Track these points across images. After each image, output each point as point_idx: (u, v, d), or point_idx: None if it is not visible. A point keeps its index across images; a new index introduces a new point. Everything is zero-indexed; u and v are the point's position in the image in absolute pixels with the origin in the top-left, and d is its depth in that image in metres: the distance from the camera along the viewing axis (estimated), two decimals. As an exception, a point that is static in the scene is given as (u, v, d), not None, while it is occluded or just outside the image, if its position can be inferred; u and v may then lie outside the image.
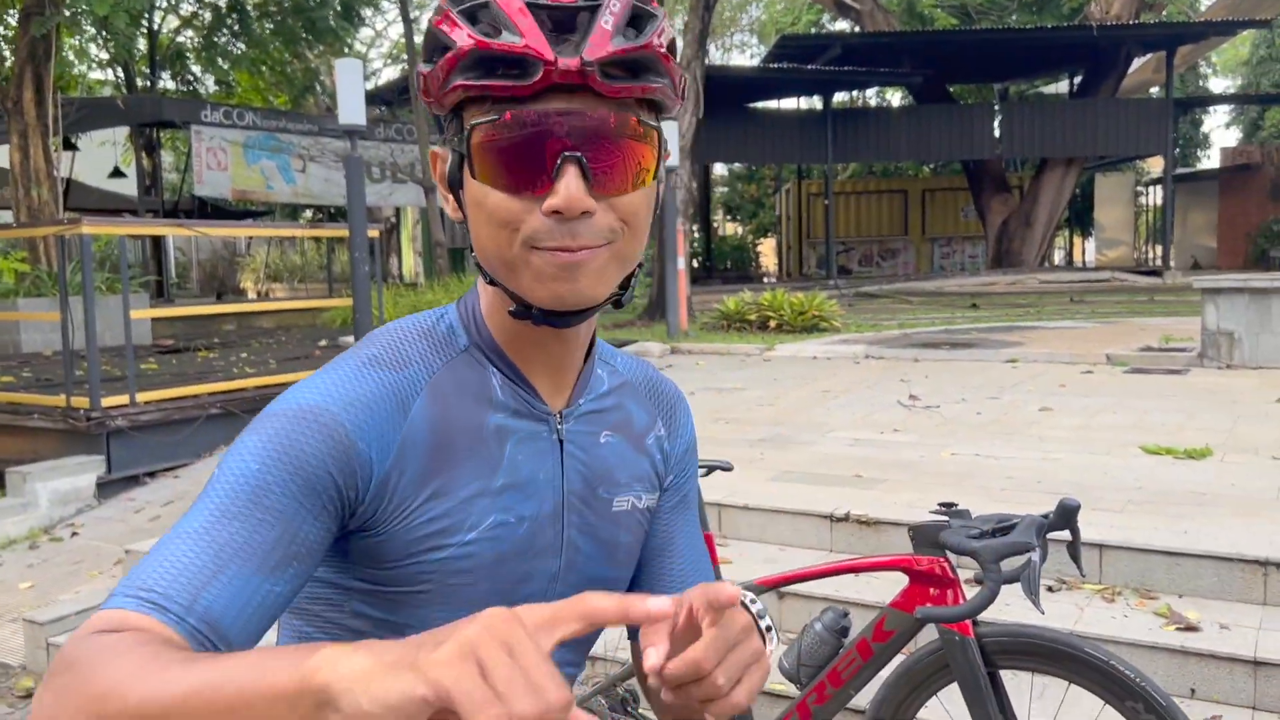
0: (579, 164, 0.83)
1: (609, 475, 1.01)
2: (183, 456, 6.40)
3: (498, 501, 0.92)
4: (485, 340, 0.96)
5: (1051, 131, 21.51)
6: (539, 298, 0.87)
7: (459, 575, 0.90)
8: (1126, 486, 4.22)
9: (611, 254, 0.87)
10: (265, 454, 0.82)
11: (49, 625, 4.19)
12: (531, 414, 0.96)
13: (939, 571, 2.25)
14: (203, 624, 0.75)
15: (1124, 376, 7.61)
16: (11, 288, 10.26)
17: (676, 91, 0.89)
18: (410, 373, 0.91)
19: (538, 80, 0.81)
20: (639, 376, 1.10)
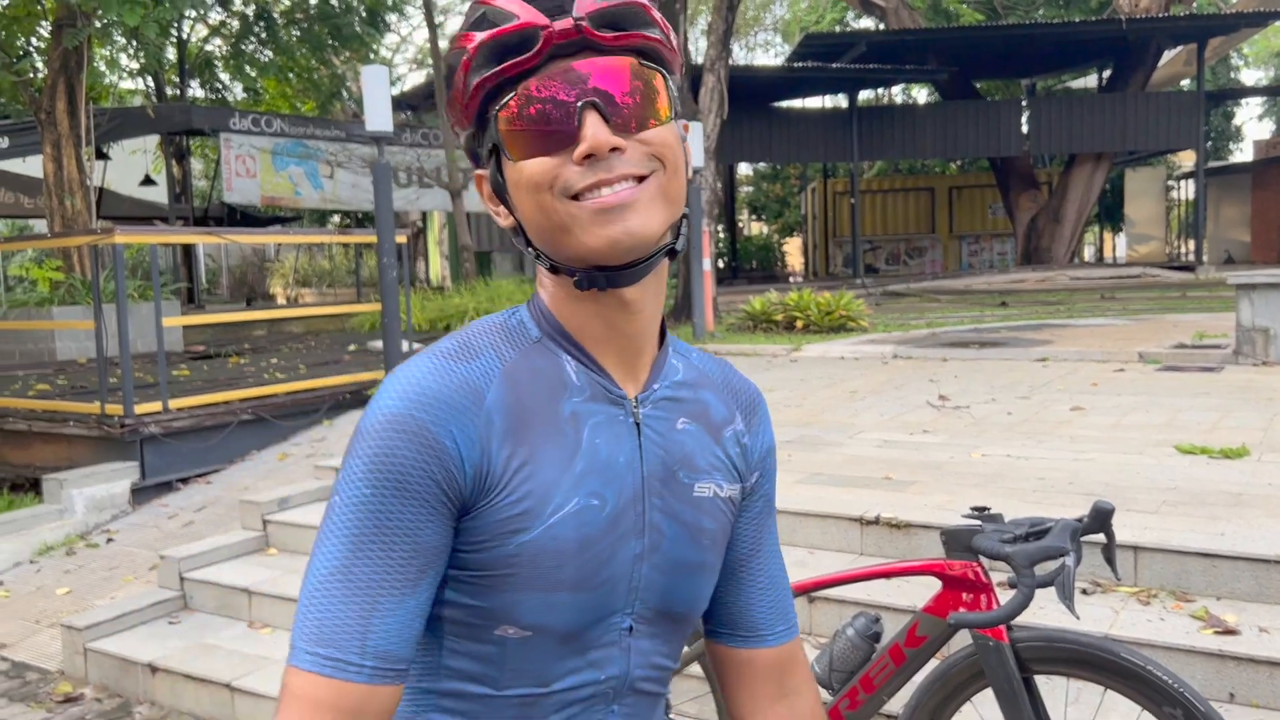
0: (596, 108, 0.87)
1: (688, 460, 1.02)
2: (215, 462, 6.47)
3: (580, 484, 0.94)
4: (555, 329, 0.98)
5: (1080, 126, 21.31)
6: (594, 248, 0.89)
7: (546, 557, 0.91)
8: (1161, 487, 4.17)
9: (656, 189, 0.90)
10: (372, 477, 0.87)
11: (86, 631, 4.25)
12: (607, 398, 0.98)
13: (972, 576, 2.23)
14: (376, 661, 0.86)
15: (1157, 374, 7.52)
16: (46, 296, 10.41)
17: (670, 40, 0.93)
18: (482, 363, 0.94)
19: (540, 47, 0.87)
20: (716, 372, 1.12)
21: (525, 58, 0.88)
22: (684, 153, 0.95)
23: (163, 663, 4.00)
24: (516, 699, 0.95)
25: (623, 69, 0.89)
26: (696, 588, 1.03)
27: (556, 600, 0.92)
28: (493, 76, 0.89)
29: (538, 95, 0.88)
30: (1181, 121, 21.13)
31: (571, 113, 0.87)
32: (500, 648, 0.93)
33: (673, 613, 1.02)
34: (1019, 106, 22.38)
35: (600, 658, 0.97)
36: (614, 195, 0.88)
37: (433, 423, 0.88)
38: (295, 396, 7.06)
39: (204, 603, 4.57)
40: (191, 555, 4.68)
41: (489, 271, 21.30)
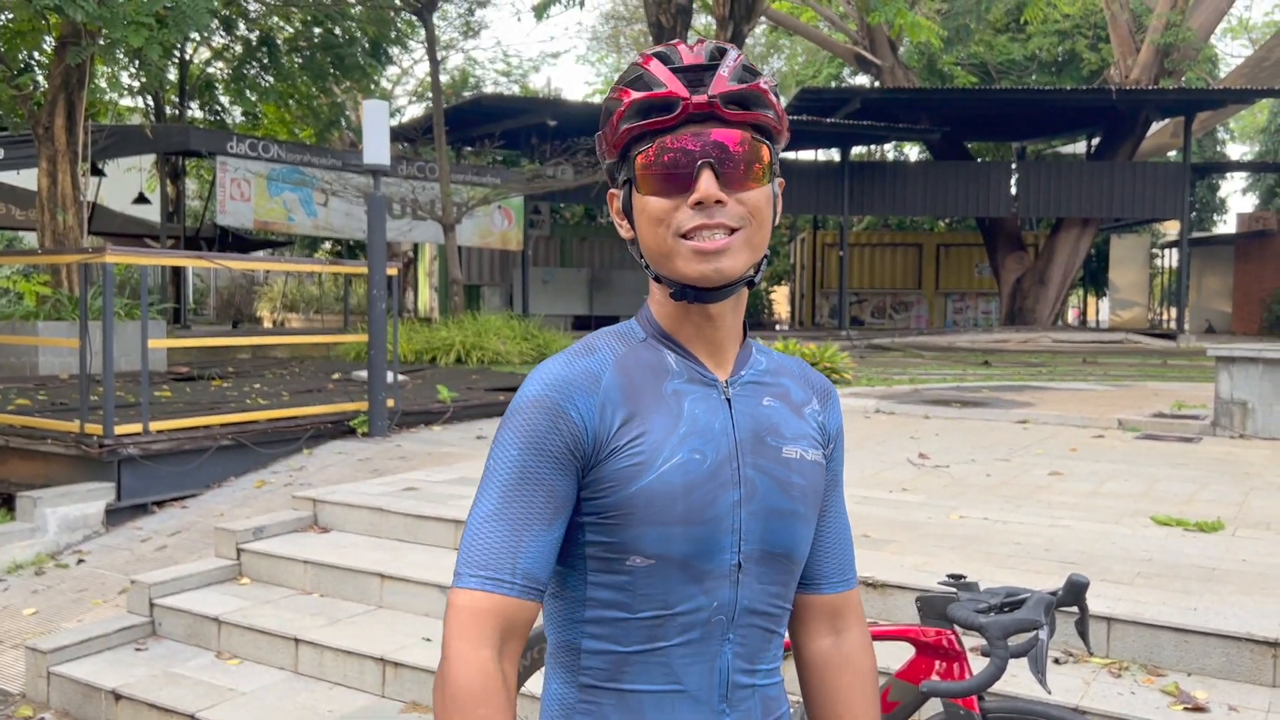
0: (712, 168, 1.15)
1: (775, 429, 1.26)
2: (192, 486, 6.42)
3: (685, 443, 1.18)
4: (658, 330, 1.26)
5: (1068, 191, 21.59)
6: (690, 277, 1.16)
7: (660, 498, 1.15)
8: (1136, 558, 4.19)
9: (743, 240, 1.17)
10: (519, 442, 1.16)
11: (51, 654, 4.19)
12: (702, 380, 1.23)
13: (946, 644, 2.24)
14: (525, 580, 1.12)
15: (1135, 442, 7.58)
16: (33, 310, 10.37)
17: (780, 123, 1.20)
18: (599, 356, 1.21)
19: (679, 113, 1.15)
20: (794, 366, 1.36)
21: (666, 119, 1.15)
22: (774, 209, 1.22)
23: (127, 690, 3.95)
24: (648, 620, 1.17)
25: (737, 140, 1.16)
26: (791, 531, 1.24)
27: (672, 533, 1.15)
28: (639, 127, 1.17)
29: (670, 148, 1.15)
30: (1167, 191, 21.44)
31: (693, 167, 1.15)
32: (631, 576, 1.16)
33: (774, 554, 1.22)
34: (1008, 169, 22.67)
35: (713, 587, 1.18)
36: (711, 243, 1.15)
37: (562, 400, 1.16)
38: (276, 424, 7.03)
39: (173, 630, 4.52)
40: (162, 581, 4.64)
41: (478, 305, 21.31)
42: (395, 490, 5.52)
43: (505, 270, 24.38)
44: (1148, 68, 21.50)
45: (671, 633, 1.18)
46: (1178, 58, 21.40)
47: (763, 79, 1.19)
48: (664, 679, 1.18)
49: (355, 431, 7.46)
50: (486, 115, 20.01)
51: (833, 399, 1.37)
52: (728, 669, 1.21)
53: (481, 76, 31.87)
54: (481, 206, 17.24)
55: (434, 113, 16.37)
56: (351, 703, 3.89)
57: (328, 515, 5.33)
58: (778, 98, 1.21)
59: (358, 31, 17.88)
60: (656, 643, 1.18)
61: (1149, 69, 21.49)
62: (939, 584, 2.33)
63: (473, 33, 27.66)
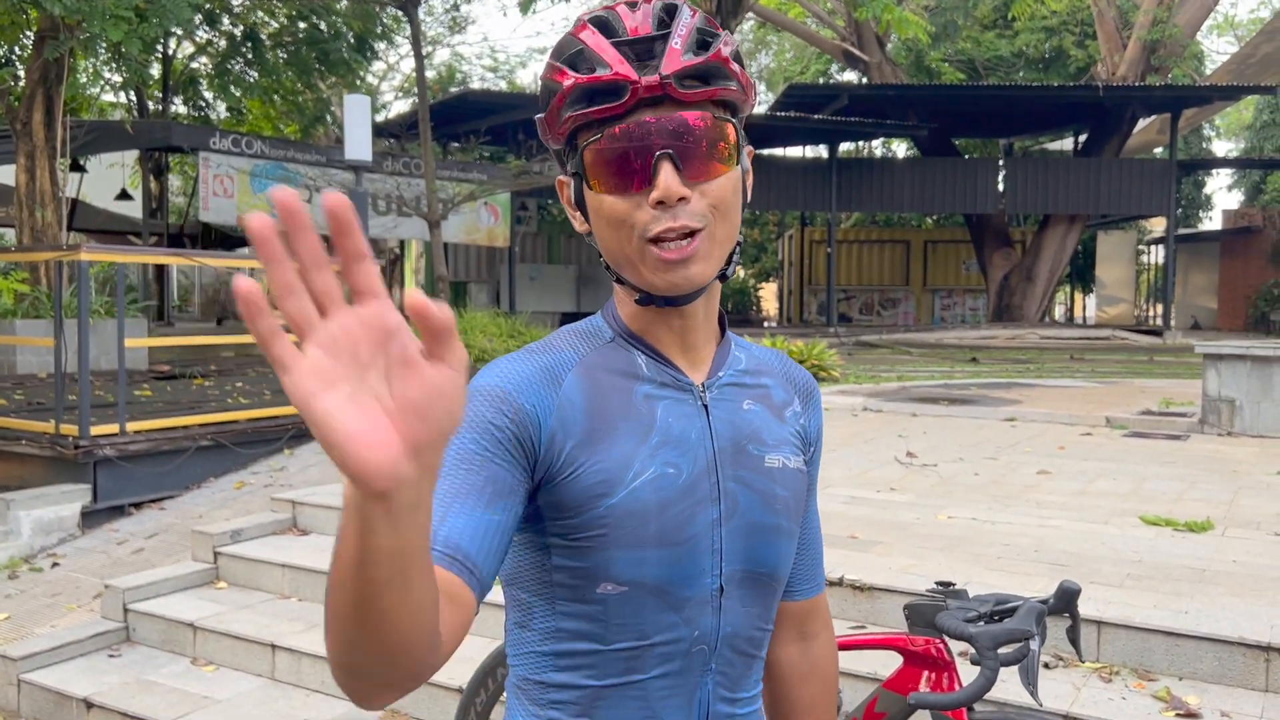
0: (670, 159, 1.01)
1: (756, 436, 1.15)
2: (170, 488, 6.32)
3: (656, 455, 1.07)
4: (626, 331, 1.14)
5: (1055, 188, 21.60)
6: (658, 287, 1.05)
7: (630, 518, 1.04)
8: (1125, 559, 4.14)
9: (710, 238, 1.04)
10: (464, 430, 1.02)
11: (21, 661, 4.11)
12: (676, 385, 1.12)
13: (934, 653, 2.19)
14: (447, 548, 0.94)
15: (1123, 440, 7.55)
16: (10, 308, 10.23)
17: (745, 91, 1.06)
18: (561, 355, 1.10)
19: (628, 99, 1.00)
20: (775, 362, 1.25)
21: (614, 105, 1.01)
22: (744, 187, 1.09)
23: (99, 699, 3.86)
24: (623, 652, 1.07)
25: (698, 123, 1.02)
26: (775, 549, 1.13)
27: (645, 556, 1.05)
28: (583, 115, 1.02)
29: (621, 140, 1.01)
30: (1154, 188, 21.47)
31: (649, 161, 1.01)
32: (603, 605, 1.05)
33: (758, 574, 1.12)
34: (996, 165, 22.68)
35: (693, 615, 1.08)
36: (677, 251, 1.02)
37: (513, 390, 1.04)
38: (257, 424, 6.93)
39: (147, 636, 4.44)
40: (137, 586, 4.55)
41: (464, 302, 21.22)
42: (376, 491, 5.43)
43: (492, 267, 24.27)
44: (1134, 64, 21.52)
45: (649, 665, 1.08)
46: (1164, 54, 21.42)
47: (721, 42, 1.04)
48: (639, 714, 1.08)
49: (337, 431, 7.36)
50: (473, 111, 19.89)
51: (814, 398, 1.27)
52: (708, 700, 1.11)
53: (468, 72, 31.73)
54: (468, 203, 17.13)
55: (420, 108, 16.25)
56: (329, 710, 3.81)
57: (307, 517, 5.24)
58: (739, 61, 1.07)
59: (343, 26, 17.72)
60: (632, 675, 1.08)
61: (1136, 66, 21.51)
62: (927, 591, 2.28)
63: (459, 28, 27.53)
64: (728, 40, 1.05)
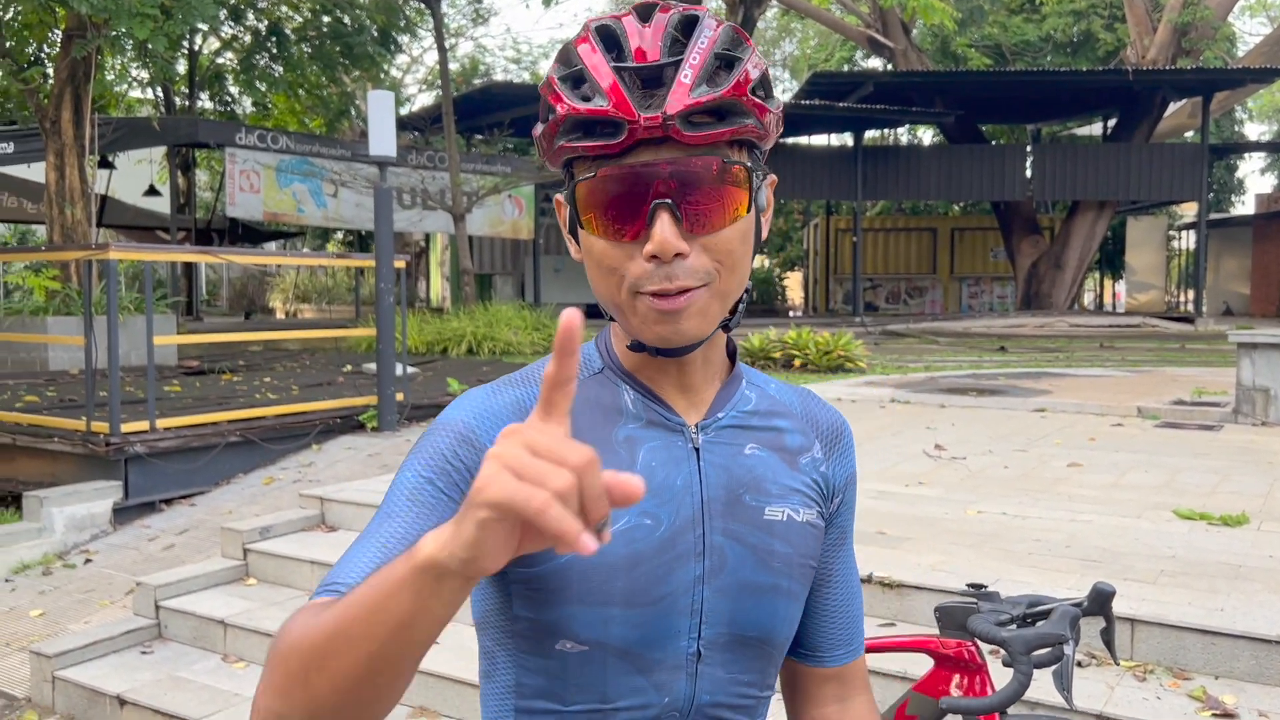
0: (670, 210, 0.90)
1: (756, 484, 1.04)
2: (199, 484, 6.37)
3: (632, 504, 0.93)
4: (616, 364, 1.04)
5: (1084, 174, 21.36)
6: (646, 338, 0.96)
7: (594, 573, 0.95)
8: (1159, 555, 4.09)
9: (711, 294, 0.94)
10: (418, 465, 0.95)
11: (56, 658, 4.15)
12: (665, 425, 1.02)
13: (966, 656, 2.16)
14: None
15: (1155, 431, 7.45)
16: (42, 305, 10.34)
17: (766, 127, 0.94)
18: (536, 389, 0.99)
19: (625, 138, 0.89)
20: (795, 403, 1.13)
21: (609, 144, 0.90)
22: (758, 230, 1.00)
23: (131, 695, 3.90)
24: (582, 714, 0.98)
25: (703, 171, 0.91)
26: (769, 612, 1.02)
27: (609, 615, 0.95)
28: (577, 149, 0.93)
29: (615, 184, 0.91)
30: (1185, 173, 21.18)
31: (643, 211, 0.90)
32: (562, 663, 0.97)
33: (746, 637, 1.02)
34: (1023, 152, 22.44)
35: (664, 680, 0.99)
36: (669, 303, 0.92)
37: (478, 427, 0.96)
38: (285, 420, 6.97)
39: (179, 632, 4.47)
40: (168, 583, 4.59)
41: (489, 295, 21.26)
42: (403, 487, 5.45)
43: (517, 259, 24.32)
44: (1165, 47, 21.20)
45: None
46: (1195, 37, 21.10)
47: (742, 70, 0.91)
48: None
49: (365, 426, 7.40)
50: (496, 103, 19.91)
51: (843, 443, 1.14)
52: None
53: (491, 64, 31.77)
54: (492, 195, 17.17)
55: (443, 101, 16.29)
56: (358, 707, 3.83)
57: (335, 514, 5.27)
58: (765, 88, 0.94)
59: (366, 20, 17.77)
60: None
61: (1166, 49, 21.19)
62: (959, 593, 2.25)
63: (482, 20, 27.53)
64: (754, 63, 0.93)
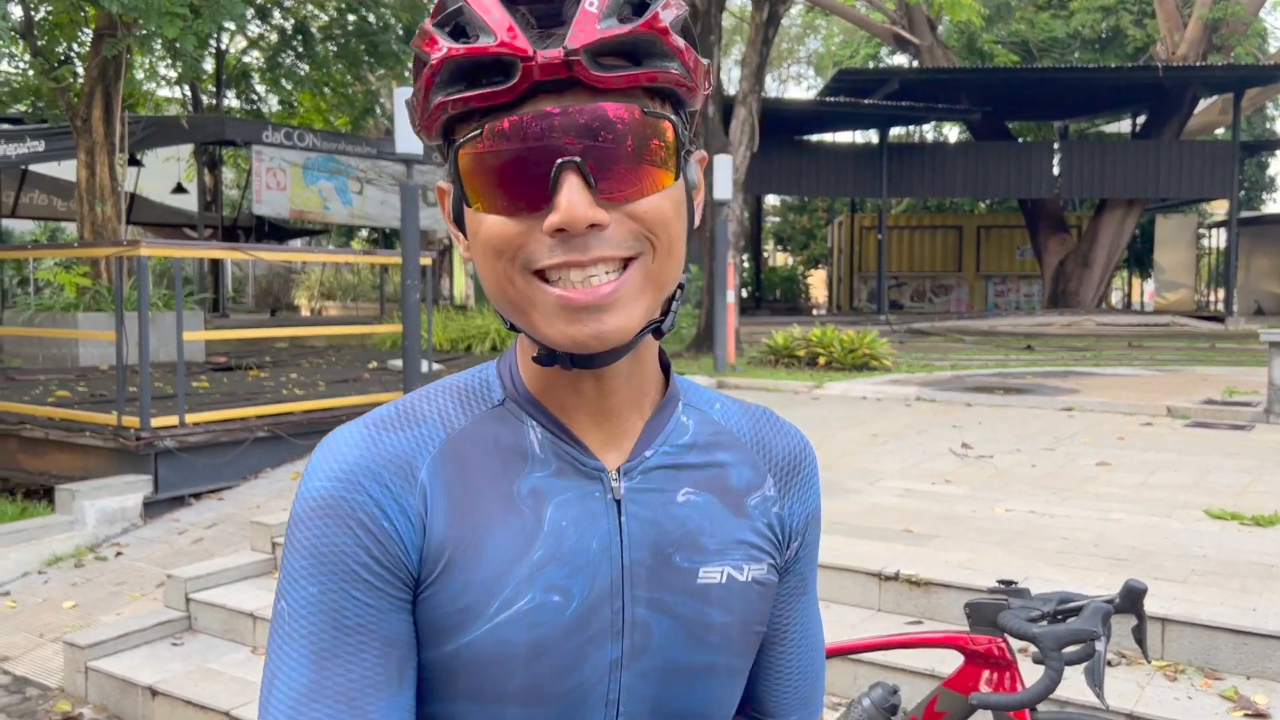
0: (578, 169, 0.72)
1: (690, 540, 0.85)
2: (228, 478, 6.43)
3: (537, 576, 0.79)
4: (520, 392, 0.85)
5: (1113, 171, 21.18)
6: (553, 340, 0.75)
7: (489, 664, 0.78)
8: (1190, 554, 4.05)
9: (640, 277, 0.75)
10: (316, 573, 0.77)
11: (89, 649, 4.20)
12: (579, 471, 0.83)
13: (996, 652, 2.16)
14: None
15: (1185, 430, 7.38)
16: (72, 301, 10.46)
17: (692, 76, 0.76)
18: (422, 432, 0.81)
19: (518, 80, 0.71)
20: (745, 426, 0.93)
21: (499, 89, 0.72)
22: (692, 209, 0.81)
23: (163, 686, 3.94)
24: None
25: (620, 119, 0.72)
26: (703, 694, 0.85)
27: (505, 714, 0.79)
28: (457, 101, 0.73)
29: (508, 142, 0.72)
30: (1215, 170, 20.96)
31: (545, 171, 0.72)
32: None
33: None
34: (1051, 149, 22.28)
35: None
36: (585, 292, 0.73)
37: (366, 503, 0.77)
38: (312, 415, 7.02)
39: (209, 625, 4.52)
40: (198, 576, 4.63)
41: (513, 292, 21.26)
42: (430, 482, 5.49)
43: (540, 256, 24.35)
44: (1195, 44, 20.99)
45: None
46: (1226, 33, 20.87)
47: (660, 3, 0.74)
48: None
49: (390, 422, 7.44)
50: (521, 101, 19.95)
51: (802, 474, 0.94)
52: None
53: (515, 62, 31.82)
54: (516, 193, 17.23)
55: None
56: (386, 700, 3.86)
57: (362, 508, 5.30)
58: (688, 34, 0.77)
59: (391, 18, 17.85)
60: None
61: (1197, 45, 20.98)
62: (989, 591, 2.24)
63: (506, 18, 27.59)
64: (672, 2, 0.76)
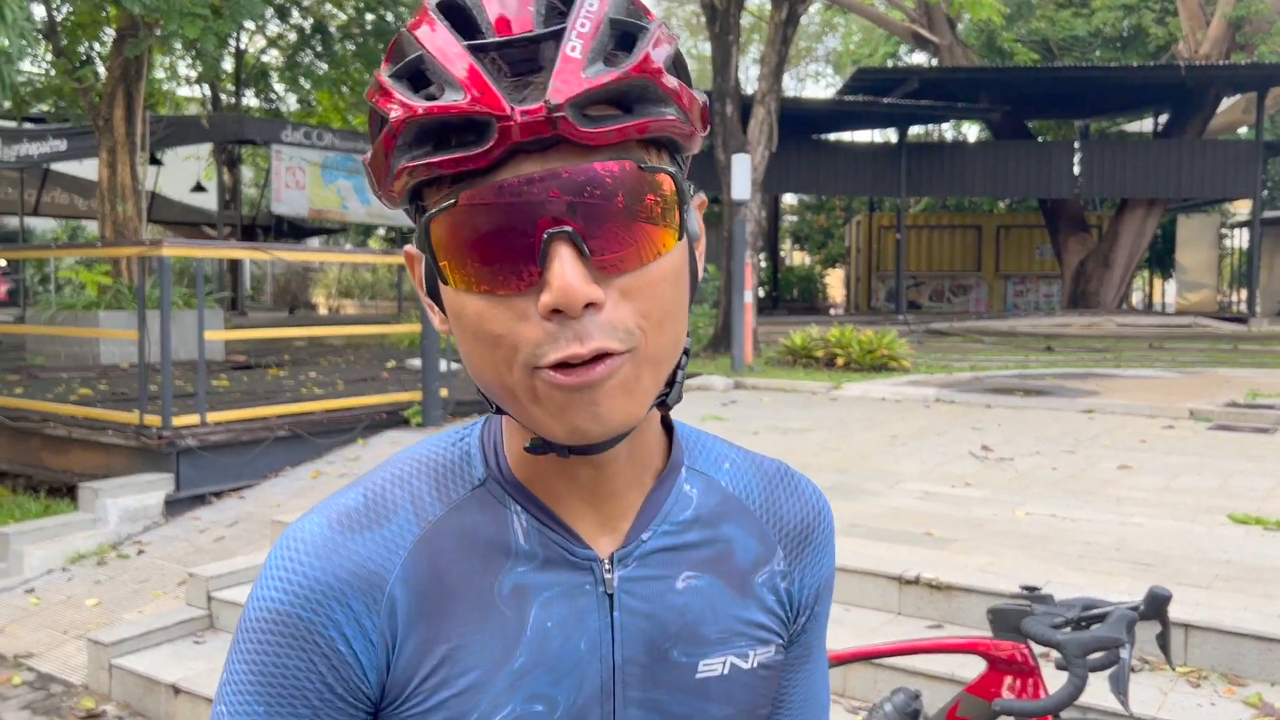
0: (570, 240, 0.63)
1: (690, 632, 0.77)
2: (249, 477, 6.47)
3: (519, 685, 0.72)
4: (504, 473, 0.76)
5: (1134, 171, 21.03)
6: (556, 434, 0.67)
7: None
8: (1213, 559, 4.02)
9: (636, 362, 0.66)
10: (260, 690, 0.71)
11: (112, 646, 4.23)
12: (566, 562, 0.74)
13: (1019, 659, 2.15)
14: None
15: (1207, 433, 7.33)
16: (94, 300, 10.54)
17: (690, 119, 0.67)
18: (392, 529, 0.73)
19: (494, 143, 0.62)
20: (755, 490, 0.84)
21: (472, 154, 0.62)
22: (692, 265, 0.72)
23: (185, 684, 3.97)
24: None
25: (613, 177, 0.64)
26: None
27: None
28: (425, 167, 0.64)
29: (488, 214, 0.63)
30: (1238, 170, 20.79)
31: (532, 244, 0.63)
32: None
33: None
34: (1071, 148, 22.13)
35: None
36: (581, 375, 0.64)
37: (324, 625, 0.70)
38: (331, 414, 7.06)
39: (230, 623, 4.54)
40: (220, 574, 4.66)
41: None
42: (449, 482, 5.50)
43: (558, 255, 24.39)
44: (1218, 42, 20.81)
45: None
46: (1250, 31, 20.67)
47: (651, 40, 0.65)
48: None
49: (409, 422, 7.47)
50: (539, 100, 19.96)
51: (816, 541, 0.85)
52: None
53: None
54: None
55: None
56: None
57: (382, 508, 5.32)
58: (680, 70, 0.68)
59: (409, 17, 17.94)
60: None
61: (1220, 44, 20.79)
62: (1012, 597, 2.23)
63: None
64: (663, 36, 0.66)
